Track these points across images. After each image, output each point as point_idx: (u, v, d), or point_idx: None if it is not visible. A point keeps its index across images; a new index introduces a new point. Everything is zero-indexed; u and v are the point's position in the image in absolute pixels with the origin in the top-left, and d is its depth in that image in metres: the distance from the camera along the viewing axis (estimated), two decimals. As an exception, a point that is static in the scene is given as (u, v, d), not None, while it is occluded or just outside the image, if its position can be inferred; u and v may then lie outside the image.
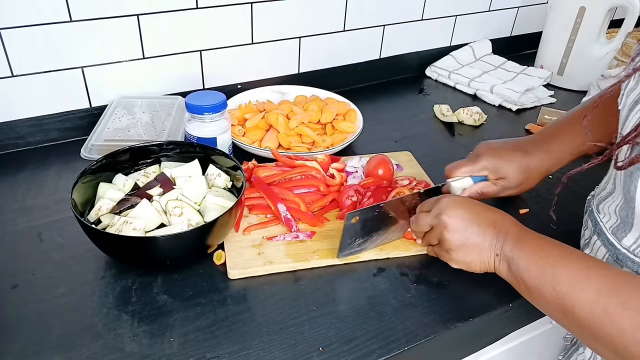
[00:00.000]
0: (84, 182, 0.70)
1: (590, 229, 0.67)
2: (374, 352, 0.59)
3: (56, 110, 0.94)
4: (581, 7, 1.20)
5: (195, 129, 0.81)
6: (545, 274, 0.54)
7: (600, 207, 0.65)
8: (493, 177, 0.75)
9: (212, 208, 0.70)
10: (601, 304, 0.49)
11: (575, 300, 0.51)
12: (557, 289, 0.52)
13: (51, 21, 0.87)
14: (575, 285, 0.51)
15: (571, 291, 0.51)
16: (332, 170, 0.84)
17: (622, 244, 0.59)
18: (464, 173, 0.75)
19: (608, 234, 0.62)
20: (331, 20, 1.14)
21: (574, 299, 0.51)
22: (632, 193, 0.53)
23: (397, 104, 1.19)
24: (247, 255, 0.70)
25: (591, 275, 0.51)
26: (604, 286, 0.50)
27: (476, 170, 0.75)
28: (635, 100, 0.55)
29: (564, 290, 0.52)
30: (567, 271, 0.53)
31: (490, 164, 0.74)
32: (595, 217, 0.65)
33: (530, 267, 0.56)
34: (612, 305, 0.48)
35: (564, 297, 0.52)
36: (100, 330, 0.60)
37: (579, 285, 0.51)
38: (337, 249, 0.72)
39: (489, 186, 0.75)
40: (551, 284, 0.53)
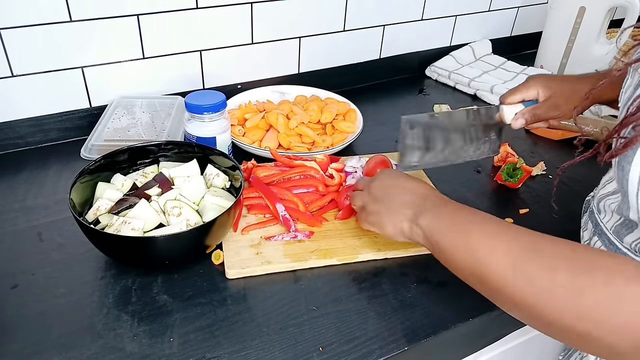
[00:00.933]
0: (83, 182, 0.70)
1: (590, 230, 0.67)
2: (374, 352, 0.59)
3: (56, 110, 0.94)
4: (581, 7, 1.20)
5: (195, 129, 0.81)
6: (459, 240, 0.54)
7: (600, 205, 0.65)
8: (543, 95, 0.77)
9: (210, 208, 0.70)
10: (511, 263, 0.49)
11: (488, 262, 0.51)
12: (472, 254, 0.52)
13: (51, 21, 0.87)
14: (488, 248, 0.51)
15: (484, 254, 0.51)
16: (331, 171, 0.84)
17: (624, 242, 0.59)
18: (516, 99, 0.77)
19: (609, 234, 0.62)
20: (331, 20, 1.14)
21: (487, 260, 0.51)
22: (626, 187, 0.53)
23: (397, 104, 1.19)
24: (245, 255, 0.70)
25: (503, 238, 0.51)
26: (515, 245, 0.50)
27: (526, 91, 0.77)
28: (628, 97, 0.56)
29: (478, 254, 0.52)
30: (480, 235, 0.53)
31: (539, 84, 0.77)
32: (596, 218, 0.65)
33: (445, 234, 0.56)
34: (522, 262, 0.48)
35: (479, 261, 0.52)
36: (100, 330, 0.60)
37: (492, 246, 0.51)
38: (336, 249, 0.72)
39: (540, 106, 0.77)
40: (465, 248, 0.53)
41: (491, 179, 0.92)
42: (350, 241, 0.73)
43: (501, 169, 0.90)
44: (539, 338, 0.84)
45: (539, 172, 0.94)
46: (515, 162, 0.90)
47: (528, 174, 0.89)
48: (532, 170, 0.91)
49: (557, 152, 1.01)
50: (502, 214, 0.82)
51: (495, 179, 0.91)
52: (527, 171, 0.89)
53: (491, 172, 0.94)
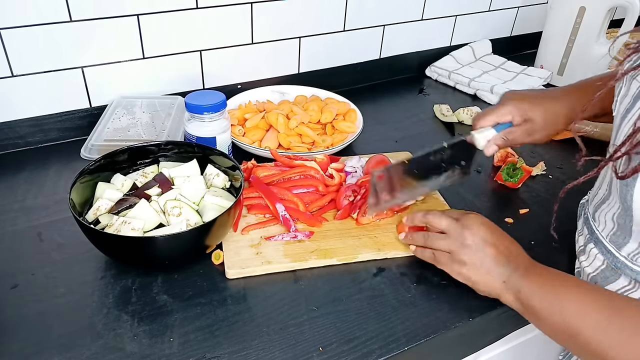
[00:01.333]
0: (83, 182, 0.70)
1: (586, 236, 0.67)
2: (374, 352, 0.59)
3: (56, 110, 0.94)
4: (581, 7, 1.20)
5: (195, 129, 0.81)
6: (552, 302, 0.56)
7: (596, 215, 0.64)
8: (518, 119, 0.73)
9: (210, 208, 0.70)
10: (602, 327, 0.52)
11: (579, 325, 0.53)
12: (563, 316, 0.55)
13: (51, 21, 0.87)
14: (580, 311, 0.54)
15: (576, 317, 0.54)
16: (331, 171, 0.84)
17: (622, 252, 0.59)
18: (489, 122, 0.74)
19: (605, 242, 0.62)
20: (331, 20, 1.14)
21: (579, 324, 0.53)
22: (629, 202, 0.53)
23: (397, 104, 1.19)
24: (245, 255, 0.70)
25: (594, 302, 0.54)
26: (605, 314, 0.53)
27: (501, 115, 0.73)
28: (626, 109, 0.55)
29: (569, 316, 0.54)
30: (572, 299, 0.55)
31: (514, 107, 0.73)
32: (592, 225, 0.65)
33: (537, 297, 0.58)
34: (612, 332, 0.51)
35: (570, 324, 0.54)
36: (100, 330, 0.60)
37: (583, 311, 0.54)
38: (336, 248, 0.72)
39: (514, 131, 0.73)
40: (559, 312, 0.55)
41: (491, 179, 0.92)
42: (350, 241, 0.73)
43: (501, 169, 0.90)
44: (539, 338, 0.84)
45: (539, 172, 0.94)
46: (515, 162, 0.90)
47: (528, 174, 0.89)
48: (532, 170, 0.91)
49: (557, 152, 1.01)
50: (502, 214, 0.82)
51: (495, 179, 0.91)
52: (527, 171, 0.89)
53: (491, 172, 0.94)
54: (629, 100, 0.55)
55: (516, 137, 0.74)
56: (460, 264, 0.64)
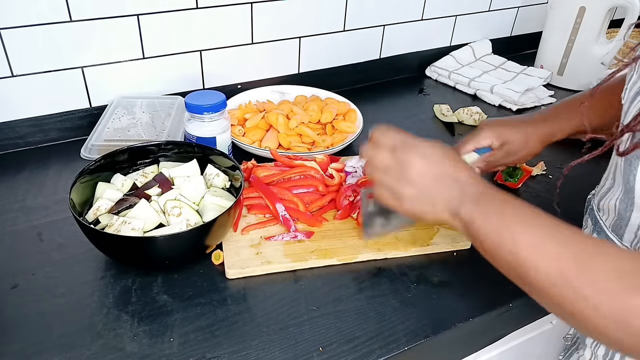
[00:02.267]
0: (82, 182, 0.70)
1: (590, 227, 0.67)
2: (374, 352, 0.59)
3: (56, 110, 0.94)
4: (581, 7, 1.20)
5: (195, 129, 0.81)
6: (504, 238, 0.50)
7: (600, 204, 0.65)
8: (497, 143, 0.75)
9: (210, 208, 0.70)
10: (561, 273, 0.46)
11: (534, 266, 0.47)
12: (516, 255, 0.49)
13: (51, 21, 0.87)
14: (535, 252, 0.48)
15: (530, 258, 0.48)
16: (331, 171, 0.84)
17: (623, 241, 0.59)
18: (469, 148, 0.75)
19: (608, 232, 0.62)
20: (331, 20, 1.14)
21: (533, 265, 0.48)
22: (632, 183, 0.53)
23: (397, 104, 1.19)
24: (245, 255, 0.70)
25: (552, 242, 0.48)
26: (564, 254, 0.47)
27: (480, 140, 0.75)
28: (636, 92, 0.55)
29: (523, 256, 0.48)
30: (528, 236, 0.49)
31: (492, 131, 0.75)
32: (596, 216, 0.65)
33: (488, 229, 0.51)
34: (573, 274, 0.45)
35: (523, 263, 0.48)
36: (100, 330, 0.60)
37: (539, 252, 0.48)
38: (336, 249, 0.72)
39: (494, 154, 0.76)
40: (510, 248, 0.49)
41: (491, 179, 0.92)
42: (351, 241, 0.73)
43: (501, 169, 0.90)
44: (539, 338, 0.84)
45: (539, 172, 0.94)
46: (515, 162, 0.90)
47: (528, 174, 0.89)
48: (532, 170, 0.91)
49: (557, 152, 1.01)
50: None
51: (495, 179, 0.91)
52: (527, 171, 0.89)
53: (491, 172, 0.94)
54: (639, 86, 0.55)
55: (497, 159, 0.77)
56: (402, 199, 0.57)
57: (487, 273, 0.70)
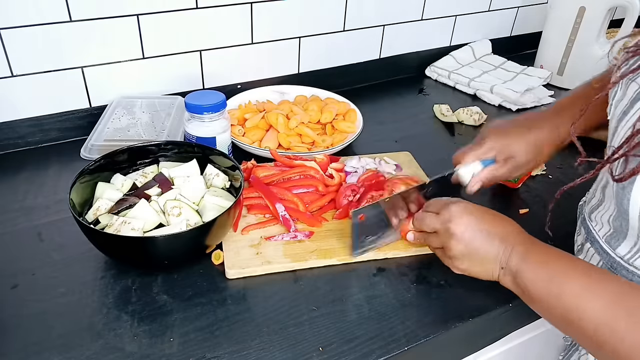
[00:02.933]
0: (82, 182, 0.70)
1: (583, 235, 0.67)
2: (374, 352, 0.59)
3: (56, 110, 0.94)
4: (581, 7, 1.20)
5: (195, 129, 0.81)
6: (550, 288, 0.54)
7: (592, 216, 0.64)
8: (501, 157, 0.72)
9: (210, 208, 0.70)
10: (606, 317, 0.49)
11: (581, 313, 0.51)
12: (563, 303, 0.52)
13: (51, 21, 0.87)
14: (580, 299, 0.51)
15: (577, 305, 0.51)
16: (330, 171, 0.84)
17: (617, 252, 0.59)
18: (471, 159, 0.73)
19: (602, 242, 0.62)
20: (331, 20, 1.14)
21: (580, 312, 0.51)
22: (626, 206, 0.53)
23: (397, 104, 1.19)
24: (245, 255, 0.70)
25: (597, 289, 0.51)
26: (609, 299, 0.50)
27: (483, 153, 0.72)
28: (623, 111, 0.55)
29: (570, 303, 0.52)
30: (573, 285, 0.52)
31: (496, 144, 0.72)
32: (588, 225, 0.65)
33: (535, 281, 0.55)
34: (617, 318, 0.48)
35: (570, 310, 0.52)
36: (100, 330, 0.60)
37: (585, 299, 0.51)
38: (336, 249, 0.72)
39: (499, 168, 0.73)
40: (556, 297, 0.53)
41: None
42: (350, 241, 0.73)
43: (501, 169, 0.90)
44: (539, 338, 0.84)
45: (539, 172, 0.94)
46: (515, 162, 0.90)
47: (528, 174, 0.89)
48: (532, 170, 0.91)
49: (557, 152, 1.01)
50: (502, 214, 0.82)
51: (495, 179, 0.91)
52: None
53: None
54: (625, 103, 0.55)
55: (502, 174, 0.74)
56: (453, 258, 0.61)
57: (487, 273, 0.70)
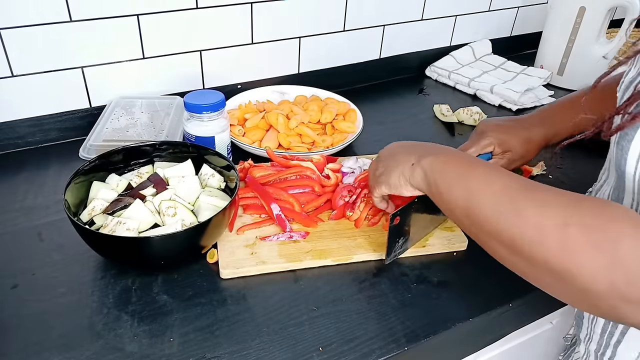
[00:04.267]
0: (77, 182, 0.70)
1: None
2: (374, 352, 0.59)
3: (56, 110, 0.94)
4: (581, 7, 1.20)
5: (194, 128, 0.81)
6: (458, 179, 0.55)
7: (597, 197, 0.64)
8: (499, 150, 0.77)
9: (206, 208, 0.70)
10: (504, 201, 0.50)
11: (483, 197, 0.52)
12: (468, 190, 0.53)
13: (51, 21, 0.87)
14: (484, 184, 0.52)
15: (478, 191, 0.52)
16: (327, 171, 0.84)
17: None
18: (472, 153, 0.77)
19: None
20: (331, 20, 1.14)
21: (482, 195, 0.52)
22: (623, 167, 0.53)
23: (397, 104, 1.19)
24: (239, 254, 0.70)
25: (501, 175, 0.53)
26: (511, 183, 0.51)
27: (482, 147, 0.77)
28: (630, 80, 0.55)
29: (473, 189, 0.53)
30: (479, 174, 0.54)
31: (495, 139, 0.76)
32: None
33: (444, 172, 0.57)
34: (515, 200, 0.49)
35: (473, 197, 0.52)
36: (100, 330, 0.60)
37: (487, 184, 0.52)
38: (331, 249, 0.72)
39: (497, 162, 0.77)
40: (462, 185, 0.54)
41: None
42: (346, 242, 0.73)
43: (501, 169, 0.90)
44: (538, 338, 0.84)
45: (539, 172, 0.94)
46: (515, 162, 0.90)
47: (528, 174, 0.89)
48: (532, 170, 0.91)
49: (557, 152, 1.01)
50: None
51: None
52: (527, 171, 0.89)
53: None
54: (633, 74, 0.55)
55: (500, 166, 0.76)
56: (379, 173, 0.67)
57: (487, 273, 0.70)
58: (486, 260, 0.73)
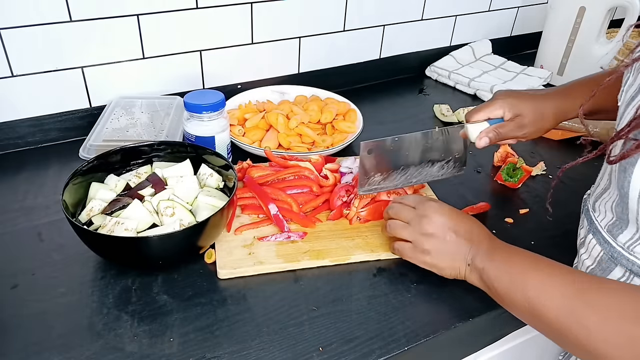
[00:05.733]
0: (75, 183, 0.70)
1: (586, 228, 0.67)
2: (374, 352, 0.59)
3: (56, 110, 0.94)
4: (581, 7, 1.20)
5: (194, 128, 0.81)
6: (515, 282, 0.57)
7: (596, 204, 0.65)
8: (509, 115, 0.76)
9: (204, 208, 0.70)
10: (567, 307, 0.52)
11: (543, 304, 0.53)
12: (526, 296, 0.55)
13: (51, 21, 0.87)
14: (543, 291, 0.54)
15: (539, 296, 0.54)
16: (325, 171, 0.83)
17: (618, 241, 0.59)
18: (481, 117, 0.76)
19: (603, 232, 0.62)
20: (331, 20, 1.14)
21: (543, 303, 0.54)
22: (626, 189, 0.53)
23: (397, 104, 1.19)
24: (237, 255, 0.70)
25: (557, 281, 0.54)
26: (569, 290, 0.53)
27: (492, 110, 0.76)
28: (632, 96, 0.55)
29: (533, 295, 0.54)
30: (535, 278, 0.56)
31: (505, 102, 0.76)
32: (591, 216, 0.65)
33: (500, 276, 0.59)
34: (578, 307, 0.51)
35: (533, 303, 0.54)
36: (100, 330, 0.60)
37: (547, 291, 0.54)
38: (329, 249, 0.72)
39: (505, 125, 0.76)
40: (521, 291, 0.56)
41: (491, 179, 0.92)
42: (344, 242, 0.73)
43: (501, 169, 0.90)
44: (539, 338, 0.84)
45: (539, 172, 0.94)
46: (515, 162, 0.90)
47: (528, 174, 0.89)
48: (532, 170, 0.91)
49: (557, 152, 1.01)
50: (502, 214, 0.82)
51: (495, 179, 0.91)
52: (527, 171, 0.89)
53: (491, 172, 0.94)
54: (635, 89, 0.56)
55: (507, 131, 0.76)
56: (424, 253, 0.66)
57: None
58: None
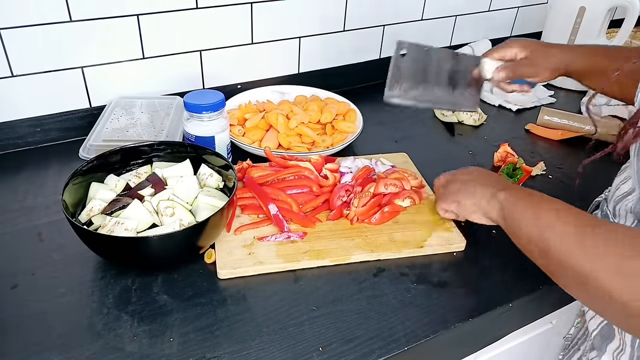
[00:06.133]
0: (75, 183, 0.70)
1: None
2: (374, 352, 0.59)
3: (56, 110, 0.94)
4: (581, 7, 1.20)
5: (194, 128, 0.81)
6: (529, 211, 0.58)
7: (616, 209, 0.64)
8: (521, 55, 0.82)
9: (204, 208, 0.70)
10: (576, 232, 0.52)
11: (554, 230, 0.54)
12: (538, 224, 0.56)
13: (51, 21, 0.87)
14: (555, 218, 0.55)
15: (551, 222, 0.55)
16: (325, 171, 0.83)
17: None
18: (496, 56, 0.84)
19: None
20: (331, 20, 1.14)
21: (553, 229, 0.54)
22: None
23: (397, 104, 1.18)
24: (237, 255, 0.70)
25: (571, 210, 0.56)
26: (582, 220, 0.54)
27: (506, 49, 0.83)
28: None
29: (544, 223, 0.56)
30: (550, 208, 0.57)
31: (517, 43, 0.84)
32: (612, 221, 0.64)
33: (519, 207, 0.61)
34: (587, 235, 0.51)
35: (544, 231, 0.55)
36: (100, 330, 0.60)
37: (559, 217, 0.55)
38: (329, 249, 0.71)
39: (518, 62, 0.83)
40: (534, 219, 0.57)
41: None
42: (344, 242, 0.73)
43: (501, 169, 0.90)
44: (539, 338, 0.84)
45: (539, 172, 0.94)
46: (515, 162, 0.90)
47: (528, 174, 0.89)
48: (532, 170, 0.91)
49: (557, 152, 1.01)
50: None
51: (495, 179, 0.91)
52: (527, 171, 0.89)
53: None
54: None
55: (520, 67, 0.82)
56: (452, 192, 0.71)
57: (487, 273, 0.71)
58: (486, 260, 0.73)
